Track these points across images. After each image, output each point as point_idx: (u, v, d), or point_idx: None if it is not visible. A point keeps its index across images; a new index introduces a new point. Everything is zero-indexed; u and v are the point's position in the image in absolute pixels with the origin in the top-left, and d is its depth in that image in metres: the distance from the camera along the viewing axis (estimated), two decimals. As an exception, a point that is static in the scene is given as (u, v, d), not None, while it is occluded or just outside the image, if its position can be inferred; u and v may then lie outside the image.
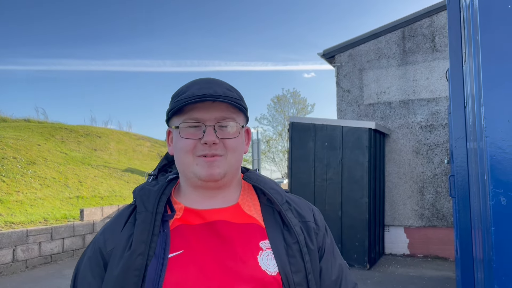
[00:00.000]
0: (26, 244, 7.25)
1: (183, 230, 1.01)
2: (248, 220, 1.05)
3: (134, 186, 12.86)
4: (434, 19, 8.22)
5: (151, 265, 0.94)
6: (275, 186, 1.12)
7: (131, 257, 0.94)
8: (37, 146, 12.84)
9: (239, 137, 1.05)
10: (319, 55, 9.25)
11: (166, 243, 0.97)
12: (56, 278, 6.65)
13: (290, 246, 1.01)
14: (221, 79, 1.10)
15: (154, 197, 1.03)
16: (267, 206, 1.08)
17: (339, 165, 7.19)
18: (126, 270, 0.93)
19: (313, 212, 1.14)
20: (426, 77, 8.19)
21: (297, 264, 0.99)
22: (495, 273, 1.32)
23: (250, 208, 1.08)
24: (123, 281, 0.93)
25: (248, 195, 1.11)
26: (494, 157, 1.33)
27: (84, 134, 16.17)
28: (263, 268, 0.97)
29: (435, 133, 8.04)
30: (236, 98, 1.04)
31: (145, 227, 0.98)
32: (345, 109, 8.85)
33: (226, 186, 1.07)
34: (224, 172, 1.03)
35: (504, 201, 1.31)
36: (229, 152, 1.03)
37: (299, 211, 1.10)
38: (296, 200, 1.15)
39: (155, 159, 17.54)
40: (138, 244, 0.95)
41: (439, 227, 7.91)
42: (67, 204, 9.90)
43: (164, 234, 0.99)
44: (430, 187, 8.01)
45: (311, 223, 1.09)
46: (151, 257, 0.95)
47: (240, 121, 1.06)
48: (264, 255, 0.99)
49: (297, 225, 1.05)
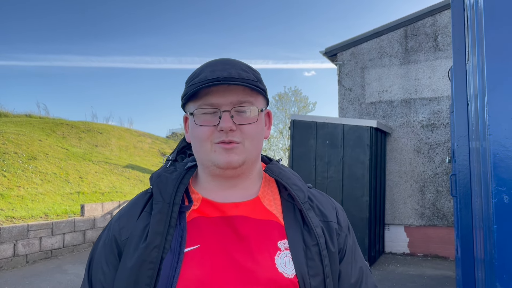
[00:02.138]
0: (26, 239, 7.26)
1: (200, 222, 0.97)
2: (268, 216, 0.99)
3: (135, 182, 12.88)
4: (437, 18, 8.20)
5: (166, 259, 0.91)
6: (297, 181, 1.05)
7: (146, 250, 0.91)
8: (38, 142, 12.86)
9: (258, 122, 0.98)
10: (321, 53, 9.24)
11: (182, 237, 0.93)
12: (56, 273, 6.67)
13: (309, 248, 0.96)
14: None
15: (172, 186, 0.98)
16: (288, 202, 1.02)
17: (340, 163, 7.19)
18: (141, 263, 0.90)
19: (337, 211, 1.08)
20: (428, 76, 8.18)
21: (316, 268, 0.94)
22: (497, 271, 1.33)
23: (270, 203, 1.02)
24: (138, 274, 0.90)
25: (269, 188, 1.05)
26: (497, 155, 1.33)
27: (85, 130, 16.18)
28: (280, 270, 0.92)
29: (436, 132, 8.04)
30: (253, 79, 0.96)
31: (161, 218, 0.94)
32: (346, 107, 8.84)
33: (245, 175, 1.01)
34: (243, 159, 0.96)
35: (506, 199, 1.31)
36: (247, 139, 0.96)
37: (321, 210, 1.04)
38: (319, 197, 1.08)
39: (155, 155, 17.56)
40: (154, 236, 0.92)
41: (439, 226, 7.92)
42: (67, 200, 9.92)
43: (181, 227, 0.95)
44: (431, 186, 8.01)
45: (333, 223, 1.03)
46: (166, 250, 0.91)
47: (259, 104, 0.99)
48: (282, 256, 0.94)
49: (318, 226, 0.99)
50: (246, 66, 0.99)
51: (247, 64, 1.01)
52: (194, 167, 1.07)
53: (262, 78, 1.02)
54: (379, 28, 8.64)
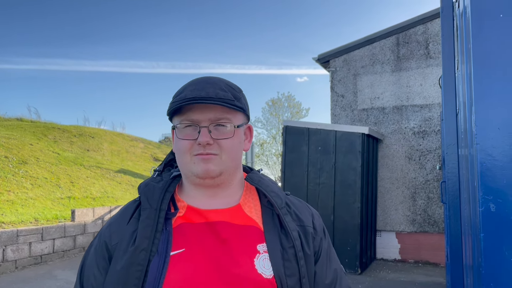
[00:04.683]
0: (16, 244, 7.18)
1: (185, 228, 1.03)
2: (248, 222, 1.06)
3: (127, 187, 12.81)
4: (428, 26, 8.29)
5: (153, 261, 0.97)
6: (275, 188, 1.13)
7: (134, 252, 0.97)
8: (29, 146, 12.75)
9: (235, 137, 1.06)
10: (314, 60, 9.28)
11: (168, 241, 0.99)
12: (46, 279, 6.60)
13: (286, 250, 1.02)
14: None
15: (159, 194, 1.05)
16: (267, 209, 1.09)
17: (332, 170, 7.21)
18: (130, 265, 0.96)
19: (313, 216, 1.15)
20: (419, 83, 8.24)
21: (292, 268, 1.01)
22: (484, 279, 1.34)
23: (251, 210, 1.09)
24: (126, 275, 0.96)
25: (250, 195, 1.13)
26: (484, 164, 1.34)
27: (77, 134, 16.08)
28: (259, 271, 0.98)
29: (427, 139, 8.09)
30: (230, 99, 1.03)
31: (149, 223, 1.00)
32: (339, 113, 8.88)
33: (225, 185, 1.09)
34: (220, 170, 1.04)
35: (493, 208, 1.32)
36: (224, 152, 1.04)
37: (298, 215, 1.11)
38: (297, 203, 1.16)
39: (148, 160, 17.48)
40: (141, 240, 0.98)
41: (430, 233, 7.95)
42: (58, 205, 9.84)
43: (167, 231, 1.01)
44: (422, 193, 8.05)
45: (309, 228, 1.10)
46: (154, 253, 0.97)
47: (237, 120, 1.07)
48: (261, 258, 1.00)
49: (294, 230, 1.06)
50: (225, 85, 1.07)
51: (229, 82, 1.10)
52: (180, 176, 1.14)
53: (242, 96, 1.10)
54: (372, 35, 8.70)
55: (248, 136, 1.15)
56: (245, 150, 1.12)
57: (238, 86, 1.11)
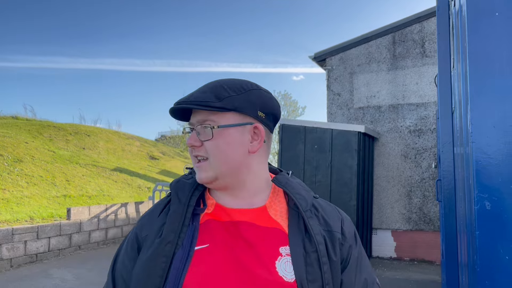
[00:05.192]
0: (11, 242, 7.16)
1: (211, 225, 1.04)
2: (272, 224, 1.05)
3: (123, 185, 12.78)
4: (424, 25, 8.30)
5: (177, 254, 0.99)
6: (302, 191, 1.10)
7: (160, 244, 1.00)
8: (24, 144, 12.70)
9: (217, 139, 1.03)
10: (310, 58, 9.28)
11: (193, 236, 1.01)
12: (41, 278, 6.58)
13: (309, 254, 1.00)
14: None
15: (188, 190, 1.07)
16: (294, 211, 1.07)
17: (328, 168, 7.22)
18: (155, 256, 0.99)
19: (342, 221, 1.12)
20: (415, 82, 8.26)
21: (314, 273, 0.98)
22: (479, 277, 1.34)
23: (276, 213, 1.08)
24: (151, 266, 0.98)
25: (277, 198, 1.11)
26: (480, 162, 1.35)
27: (73, 132, 16.03)
28: (280, 273, 0.97)
29: (423, 137, 8.11)
30: (204, 100, 1.02)
31: (176, 217, 1.03)
32: (335, 112, 8.89)
33: (236, 187, 1.08)
34: (212, 175, 1.04)
35: (488, 206, 1.32)
36: (210, 155, 1.04)
37: (326, 219, 1.08)
38: (326, 207, 1.13)
39: (144, 158, 17.45)
40: (168, 233, 1.01)
41: (426, 231, 7.98)
42: (54, 203, 9.80)
43: (193, 226, 1.03)
44: (418, 191, 8.08)
45: (336, 233, 1.07)
46: (179, 246, 1.00)
47: (224, 121, 1.04)
48: (283, 261, 0.99)
49: (318, 234, 1.03)
50: (211, 87, 1.06)
51: (231, 83, 1.07)
52: None
53: (238, 96, 1.05)
54: (368, 34, 8.71)
55: (256, 137, 1.08)
56: (251, 152, 1.07)
57: (242, 86, 1.07)
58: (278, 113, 1.14)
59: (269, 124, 1.11)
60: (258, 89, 1.10)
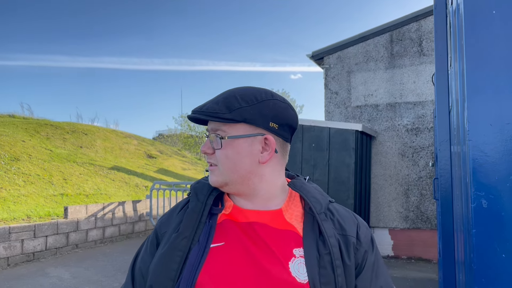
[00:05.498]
0: (8, 241, 7.14)
1: (228, 225, 1.07)
2: (287, 227, 1.07)
3: (120, 184, 12.76)
4: (421, 24, 8.31)
5: (193, 249, 1.02)
6: (317, 195, 1.12)
7: (177, 239, 1.04)
8: (21, 142, 12.66)
9: (226, 149, 1.07)
10: (308, 57, 9.28)
11: (210, 233, 1.04)
12: (38, 276, 6.57)
13: (322, 257, 1.01)
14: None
15: (207, 190, 1.11)
16: (309, 215, 1.09)
17: (325, 166, 7.23)
18: (171, 250, 1.03)
19: (358, 226, 1.12)
20: (413, 80, 8.27)
21: (327, 276, 0.99)
22: (476, 275, 1.34)
23: (291, 216, 1.09)
24: (167, 259, 1.02)
25: (293, 202, 1.13)
26: (476, 160, 1.35)
27: (70, 131, 15.98)
28: (293, 274, 0.99)
29: (420, 136, 8.13)
30: (214, 111, 1.05)
31: (193, 214, 1.07)
32: (332, 110, 8.89)
33: (248, 192, 1.10)
34: (222, 180, 1.08)
35: (485, 204, 1.32)
36: (219, 163, 1.08)
37: (341, 223, 1.09)
38: (342, 212, 1.14)
39: (141, 157, 17.42)
40: (185, 228, 1.05)
41: (423, 229, 8.00)
42: (51, 202, 9.78)
43: (210, 224, 1.06)
44: (415, 190, 8.10)
45: (351, 238, 1.08)
46: (195, 242, 1.03)
47: (234, 131, 1.06)
48: (296, 263, 1.00)
49: (332, 237, 1.04)
50: (225, 97, 1.08)
51: (244, 93, 1.08)
52: None
53: (249, 107, 1.06)
54: (365, 32, 8.71)
55: (267, 147, 1.09)
56: (261, 162, 1.08)
57: (255, 96, 1.08)
58: (294, 123, 1.14)
59: (283, 134, 1.11)
60: (273, 99, 1.09)
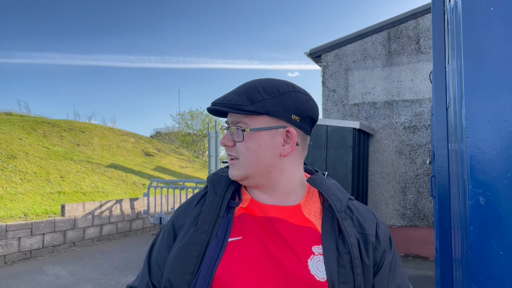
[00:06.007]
0: (5, 239, 7.12)
1: (245, 218, 1.06)
2: (305, 223, 1.06)
3: (117, 182, 12.74)
4: (419, 21, 8.31)
5: (212, 244, 1.01)
6: (337, 192, 1.10)
7: (196, 233, 1.03)
8: (18, 140, 12.61)
9: (247, 141, 1.05)
10: (306, 55, 9.27)
11: (228, 227, 1.03)
12: (35, 274, 6.55)
13: (341, 256, 1.00)
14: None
15: (224, 182, 1.10)
16: (328, 212, 1.07)
17: (323, 164, 7.23)
18: (190, 244, 1.02)
19: (377, 225, 1.11)
20: (410, 78, 8.28)
21: (346, 275, 0.99)
22: (473, 272, 1.34)
23: (310, 212, 1.08)
24: (186, 253, 1.01)
25: (312, 198, 1.12)
26: (474, 158, 1.34)
27: (67, 128, 15.94)
28: (312, 272, 0.98)
29: (418, 134, 8.14)
30: (236, 103, 1.03)
31: (211, 208, 1.05)
32: (330, 108, 8.89)
33: (268, 186, 1.08)
34: (243, 174, 1.07)
35: (482, 201, 1.32)
36: (240, 155, 1.07)
37: (360, 222, 1.08)
38: (361, 210, 1.12)
39: (139, 155, 17.40)
40: (203, 222, 1.04)
41: (420, 227, 8.02)
42: (48, 200, 9.76)
43: (227, 218, 1.05)
44: (412, 187, 8.11)
45: (370, 237, 1.07)
46: (213, 236, 1.02)
47: (256, 124, 1.05)
48: (315, 260, 0.99)
49: (352, 236, 1.03)
50: (246, 89, 1.06)
51: (266, 84, 1.07)
52: None
53: (271, 99, 1.05)
54: (363, 30, 8.71)
55: (289, 140, 1.08)
56: (283, 155, 1.07)
57: (277, 88, 1.06)
58: (315, 115, 1.13)
59: (304, 127, 1.11)
60: (294, 91, 1.08)
